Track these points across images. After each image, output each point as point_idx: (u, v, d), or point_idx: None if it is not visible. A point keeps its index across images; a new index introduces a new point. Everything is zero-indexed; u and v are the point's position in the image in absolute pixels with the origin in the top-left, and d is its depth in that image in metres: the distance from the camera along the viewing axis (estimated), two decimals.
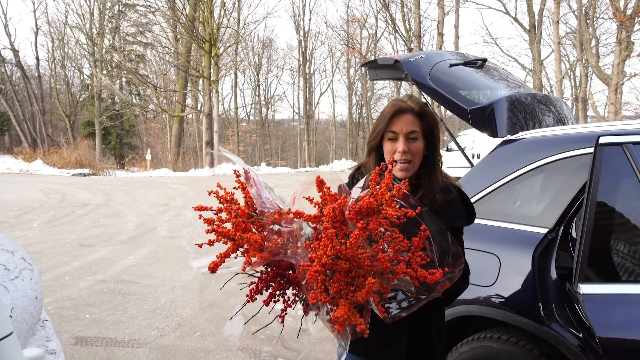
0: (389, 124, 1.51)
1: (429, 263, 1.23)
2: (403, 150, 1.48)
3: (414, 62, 2.76)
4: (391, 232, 1.21)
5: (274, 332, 1.44)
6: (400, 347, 1.53)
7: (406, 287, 1.26)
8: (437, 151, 1.57)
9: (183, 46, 28.27)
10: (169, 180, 19.60)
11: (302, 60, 36.98)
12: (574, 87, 29.30)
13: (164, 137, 35.14)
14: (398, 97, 1.58)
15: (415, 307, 1.26)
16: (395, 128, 1.50)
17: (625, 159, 1.73)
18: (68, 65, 35.88)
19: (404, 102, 1.53)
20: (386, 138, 1.53)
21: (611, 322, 1.66)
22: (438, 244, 1.29)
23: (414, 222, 1.23)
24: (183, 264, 6.18)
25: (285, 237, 1.27)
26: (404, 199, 1.25)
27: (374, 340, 1.45)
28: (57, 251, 6.85)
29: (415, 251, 1.21)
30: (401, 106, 1.51)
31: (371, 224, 1.17)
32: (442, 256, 1.27)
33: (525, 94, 2.86)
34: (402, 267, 1.19)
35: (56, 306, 4.59)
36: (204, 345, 3.75)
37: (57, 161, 25.05)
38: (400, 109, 1.51)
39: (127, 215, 10.24)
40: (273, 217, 1.30)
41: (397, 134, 1.50)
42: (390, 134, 1.51)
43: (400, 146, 1.48)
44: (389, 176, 1.22)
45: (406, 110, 1.51)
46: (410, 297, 1.27)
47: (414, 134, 1.50)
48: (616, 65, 15.16)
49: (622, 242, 1.75)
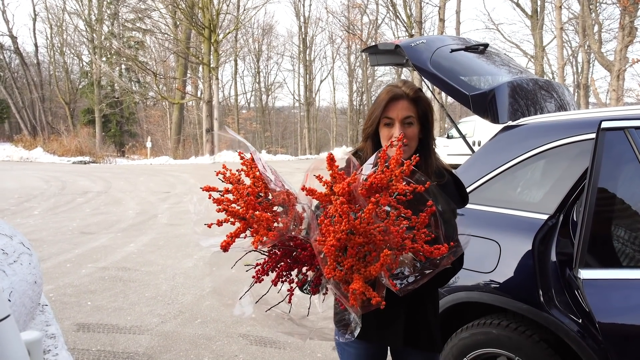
0: (385, 110, 1.54)
1: (434, 238, 1.25)
2: (398, 135, 1.50)
3: (414, 48, 2.73)
4: (399, 208, 1.22)
5: (283, 311, 1.45)
6: (399, 328, 1.54)
7: (410, 264, 1.27)
8: (432, 135, 1.61)
9: (182, 32, 28.06)
10: (170, 168, 19.59)
11: (302, 47, 36.76)
12: (576, 73, 29.12)
13: (164, 124, 35.06)
14: (392, 83, 1.60)
15: (424, 280, 1.28)
16: (391, 114, 1.53)
17: (628, 144, 1.72)
18: (67, 52, 35.75)
19: (398, 87, 1.56)
20: (382, 124, 1.56)
21: (611, 307, 1.66)
22: (445, 219, 1.31)
23: (419, 198, 1.24)
24: (184, 251, 6.20)
25: (293, 216, 1.28)
26: (411, 176, 1.26)
27: (372, 322, 1.48)
28: (59, 239, 6.86)
29: (420, 227, 1.22)
30: (396, 92, 1.54)
31: (382, 199, 1.19)
32: (447, 231, 1.28)
33: (527, 80, 2.84)
34: (408, 243, 1.20)
35: (58, 293, 4.62)
36: (205, 332, 3.77)
37: (57, 149, 25.03)
38: (395, 95, 1.54)
39: (127, 202, 10.25)
40: (281, 197, 1.31)
41: (393, 120, 1.53)
42: (386, 120, 1.55)
43: (396, 131, 1.51)
44: (399, 152, 1.24)
45: (401, 96, 1.54)
46: (415, 272, 1.28)
47: (409, 119, 1.53)
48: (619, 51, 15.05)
49: (622, 228, 1.75)
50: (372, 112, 1.57)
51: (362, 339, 1.57)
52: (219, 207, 1.29)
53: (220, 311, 4.19)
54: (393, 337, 1.56)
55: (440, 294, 2.25)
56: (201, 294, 4.62)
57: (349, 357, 1.68)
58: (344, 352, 1.70)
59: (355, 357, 1.67)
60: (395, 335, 1.55)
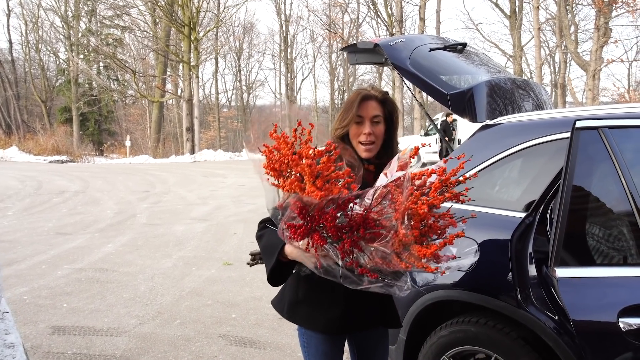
0: (357, 110, 1.68)
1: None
2: (369, 132, 1.66)
3: (393, 46, 2.73)
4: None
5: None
6: (373, 310, 1.70)
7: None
8: (396, 134, 1.77)
9: (162, 30, 27.72)
10: (149, 167, 19.35)
11: (283, 45, 36.66)
12: (554, 73, 29.65)
13: (144, 123, 34.61)
14: (362, 87, 1.77)
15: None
16: (362, 112, 1.68)
17: (601, 143, 1.74)
18: (43, 49, 35.00)
19: (367, 90, 1.73)
20: (353, 122, 1.70)
21: (585, 305, 1.68)
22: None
23: None
24: (163, 251, 6.12)
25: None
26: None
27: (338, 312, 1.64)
28: (34, 240, 6.72)
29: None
30: (366, 94, 1.70)
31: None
32: None
33: (505, 79, 2.86)
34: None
35: (32, 295, 4.51)
36: (184, 333, 3.72)
37: (33, 148, 24.52)
38: (365, 95, 1.69)
39: (105, 202, 10.08)
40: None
41: (363, 118, 1.68)
42: (357, 118, 1.69)
43: (366, 128, 1.66)
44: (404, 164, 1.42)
45: (370, 97, 1.70)
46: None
47: (377, 118, 1.69)
48: (594, 52, 15.35)
49: (597, 226, 1.77)
50: (345, 112, 1.69)
51: (328, 332, 1.68)
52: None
53: (200, 311, 4.14)
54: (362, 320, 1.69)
55: (420, 292, 2.25)
56: (180, 294, 4.57)
57: (317, 347, 1.72)
58: (310, 343, 1.73)
59: (322, 345, 1.71)
60: (366, 316, 1.69)
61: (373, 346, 1.84)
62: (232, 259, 5.78)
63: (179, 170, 17.51)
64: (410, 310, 2.29)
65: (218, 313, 4.12)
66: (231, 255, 6.01)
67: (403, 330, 2.34)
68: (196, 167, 18.72)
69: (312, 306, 1.66)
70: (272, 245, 1.55)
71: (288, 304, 1.70)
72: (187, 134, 24.82)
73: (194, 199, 10.58)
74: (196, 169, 18.04)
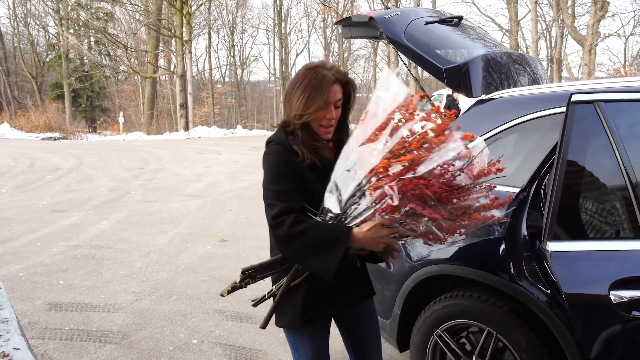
0: (327, 96, 1.60)
1: None
2: (334, 117, 1.64)
3: (388, 20, 2.69)
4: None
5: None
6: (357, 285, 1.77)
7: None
8: (349, 112, 1.75)
9: (153, 4, 27.14)
10: (143, 144, 19.23)
11: (277, 20, 36.10)
12: (550, 48, 29.40)
13: (137, 99, 34.22)
14: (319, 66, 1.64)
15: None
16: (330, 97, 1.61)
17: (597, 117, 1.73)
18: (32, 24, 34.26)
19: (329, 71, 1.63)
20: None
21: (577, 278, 1.70)
22: None
23: None
24: (159, 228, 6.13)
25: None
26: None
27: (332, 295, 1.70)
28: (28, 217, 6.70)
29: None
30: (333, 77, 1.62)
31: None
32: None
33: (501, 53, 2.83)
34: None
35: (28, 272, 4.52)
36: (180, 309, 3.75)
37: (25, 125, 24.21)
38: (333, 79, 1.61)
39: (100, 179, 10.04)
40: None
41: (329, 103, 1.61)
42: (324, 104, 1.63)
43: (332, 113, 1.63)
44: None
45: (335, 81, 1.62)
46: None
47: (339, 101, 1.65)
48: (591, 26, 15.21)
49: (590, 201, 1.78)
50: (311, 97, 1.59)
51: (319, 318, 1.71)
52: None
53: (196, 287, 4.17)
54: (351, 295, 1.74)
55: (414, 267, 2.27)
56: (176, 270, 4.59)
57: (312, 338, 1.72)
58: (304, 337, 1.72)
59: (318, 334, 1.73)
60: (354, 292, 1.75)
61: (362, 321, 1.84)
62: (227, 236, 5.80)
63: (173, 147, 17.40)
64: (405, 285, 2.31)
65: (214, 289, 4.15)
66: (226, 231, 6.02)
67: (397, 305, 2.36)
68: (190, 144, 18.61)
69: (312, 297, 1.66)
70: (330, 236, 1.47)
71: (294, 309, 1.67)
72: (181, 110, 24.58)
73: (188, 176, 10.55)
74: (190, 145, 17.94)
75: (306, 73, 1.62)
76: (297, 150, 1.61)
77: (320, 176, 1.58)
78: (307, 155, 1.60)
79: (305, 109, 1.59)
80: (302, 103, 1.59)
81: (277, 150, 1.62)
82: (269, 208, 1.53)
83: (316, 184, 1.57)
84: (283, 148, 1.62)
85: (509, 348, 1.93)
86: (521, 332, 1.88)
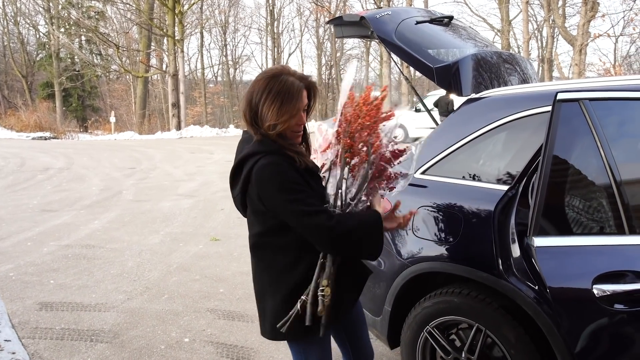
0: (300, 103, 1.62)
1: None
2: (304, 122, 1.67)
3: (379, 19, 2.70)
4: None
5: None
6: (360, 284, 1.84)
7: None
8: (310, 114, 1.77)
9: (145, 3, 27.01)
10: (135, 143, 19.14)
11: (270, 19, 36.06)
12: (541, 48, 29.59)
13: (128, 98, 34.02)
14: (285, 73, 1.61)
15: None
16: (300, 105, 1.62)
17: (582, 115, 1.76)
18: (22, 22, 33.98)
19: (294, 76, 1.61)
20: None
21: (562, 272, 1.73)
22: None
23: None
24: (150, 228, 6.11)
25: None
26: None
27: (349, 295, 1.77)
28: (18, 217, 6.65)
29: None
30: (298, 84, 1.60)
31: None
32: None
33: (491, 53, 2.85)
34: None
35: (19, 272, 4.49)
36: (172, 308, 3.75)
37: (15, 124, 24.04)
38: (299, 86, 1.60)
39: (91, 179, 9.99)
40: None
41: (300, 109, 1.62)
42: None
43: (302, 119, 1.65)
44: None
45: (303, 87, 1.62)
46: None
47: (306, 106, 1.66)
48: (581, 26, 15.34)
49: (575, 197, 1.80)
50: (285, 105, 1.56)
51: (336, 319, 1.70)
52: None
53: (188, 286, 4.17)
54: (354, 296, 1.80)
55: (405, 264, 2.29)
56: (168, 269, 4.58)
57: (323, 342, 1.72)
58: (315, 344, 1.71)
59: (327, 337, 1.74)
60: (357, 292, 1.82)
61: (355, 317, 1.89)
62: (219, 235, 5.79)
63: (165, 146, 17.33)
64: (395, 282, 2.32)
65: (206, 288, 4.15)
66: (218, 231, 6.01)
67: (388, 302, 2.38)
68: (182, 143, 18.54)
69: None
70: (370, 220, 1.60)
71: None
72: (173, 109, 24.48)
73: (180, 175, 10.52)
74: (182, 145, 17.87)
75: (270, 81, 1.58)
76: (291, 156, 1.58)
77: (314, 177, 1.64)
78: (301, 160, 1.59)
79: (279, 118, 1.56)
80: (275, 113, 1.55)
81: (277, 160, 1.55)
82: (312, 217, 1.50)
83: (315, 185, 1.64)
84: (280, 156, 1.56)
85: (497, 344, 1.95)
86: (510, 328, 1.90)
